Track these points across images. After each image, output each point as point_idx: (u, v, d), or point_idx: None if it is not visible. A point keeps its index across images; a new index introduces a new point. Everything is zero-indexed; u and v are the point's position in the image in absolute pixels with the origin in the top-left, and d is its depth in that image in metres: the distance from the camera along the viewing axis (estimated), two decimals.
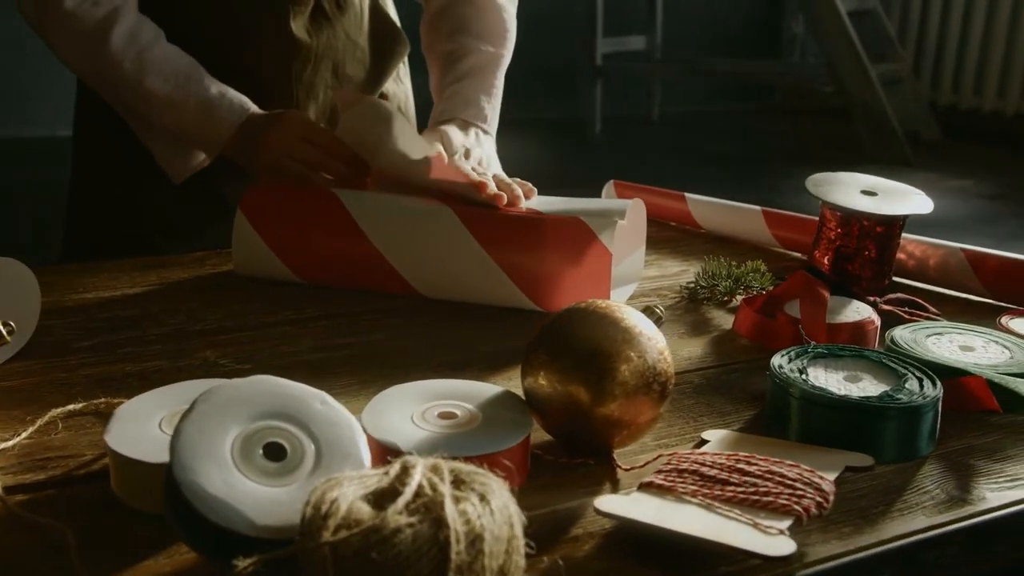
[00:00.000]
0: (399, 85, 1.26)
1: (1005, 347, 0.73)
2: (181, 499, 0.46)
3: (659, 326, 0.63)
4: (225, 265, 0.96)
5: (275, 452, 0.49)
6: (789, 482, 0.53)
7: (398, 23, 1.22)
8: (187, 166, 1.04)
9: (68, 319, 0.82)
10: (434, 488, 0.43)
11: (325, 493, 0.43)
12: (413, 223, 0.88)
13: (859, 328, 0.77)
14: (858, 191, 0.91)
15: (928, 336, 0.75)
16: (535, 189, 0.92)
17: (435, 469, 0.45)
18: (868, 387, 0.64)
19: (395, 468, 0.45)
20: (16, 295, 0.75)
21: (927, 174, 3.91)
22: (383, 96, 1.21)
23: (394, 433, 0.55)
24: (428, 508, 0.42)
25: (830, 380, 0.65)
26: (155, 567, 0.48)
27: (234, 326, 0.82)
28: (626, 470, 0.58)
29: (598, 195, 1.19)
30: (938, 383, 0.64)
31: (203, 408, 0.50)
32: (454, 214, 0.86)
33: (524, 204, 0.90)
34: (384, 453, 0.54)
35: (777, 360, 0.66)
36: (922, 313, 0.84)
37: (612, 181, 1.24)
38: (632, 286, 0.94)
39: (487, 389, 0.61)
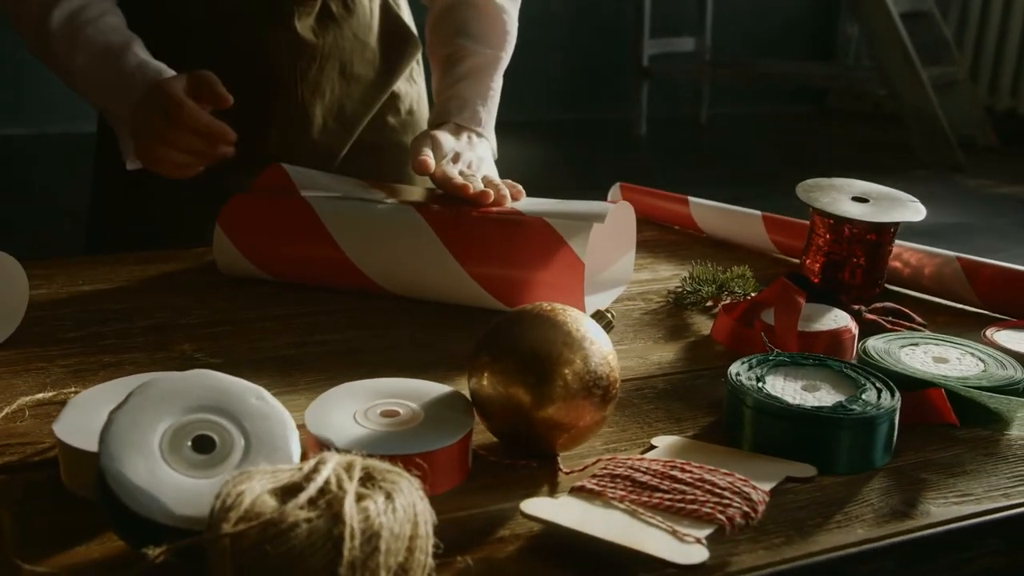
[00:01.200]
0: (412, 85, 1.27)
1: (980, 360, 0.71)
2: (106, 487, 0.48)
3: (608, 331, 0.63)
4: None
5: (204, 444, 0.51)
6: (718, 491, 0.52)
7: (412, 24, 1.24)
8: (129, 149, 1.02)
9: (60, 310, 0.85)
10: (339, 485, 0.44)
11: (234, 486, 0.44)
12: (382, 229, 0.88)
13: (835, 337, 0.76)
14: (849, 197, 0.90)
15: (903, 347, 0.73)
16: (523, 191, 0.92)
17: (347, 466, 0.46)
18: (824, 397, 0.63)
19: (309, 464, 0.46)
20: (5, 287, 0.77)
21: (980, 180, 3.82)
22: (394, 96, 1.22)
23: (331, 430, 0.56)
24: (329, 504, 0.43)
25: (787, 389, 0.64)
26: (86, 552, 0.50)
27: (217, 321, 0.83)
28: (566, 473, 0.58)
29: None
30: (897, 394, 0.63)
31: (137, 400, 0.51)
32: (423, 219, 0.87)
33: (510, 205, 0.90)
34: (321, 449, 0.55)
35: (735, 368, 0.66)
36: (905, 323, 0.82)
37: (619, 184, 1.24)
38: (619, 289, 0.93)
39: (436, 389, 0.62)
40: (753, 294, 0.87)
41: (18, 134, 4.21)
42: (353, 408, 0.59)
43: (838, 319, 0.78)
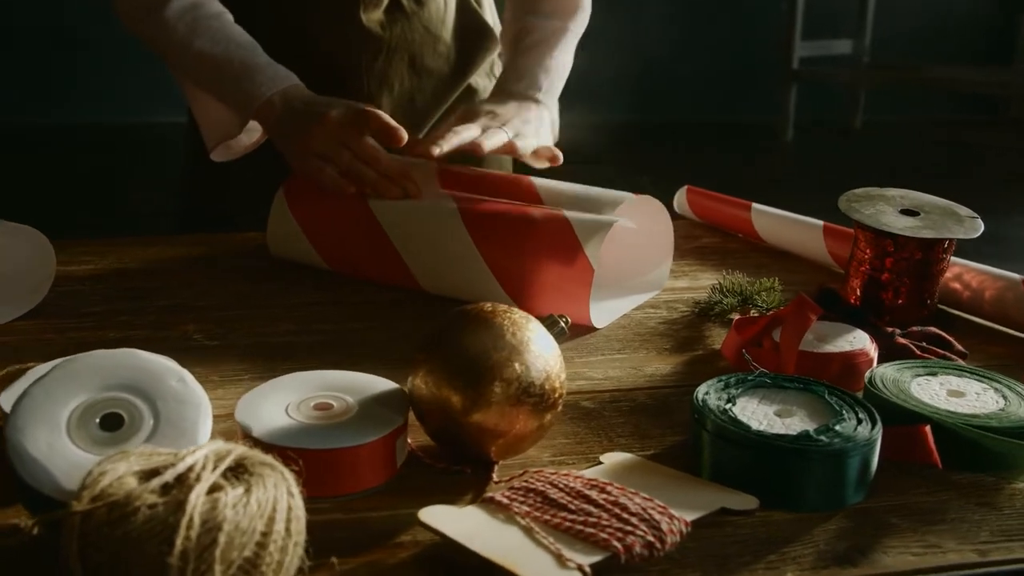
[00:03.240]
0: (491, 80, 1.26)
1: (1004, 396, 0.63)
2: (6, 457, 0.49)
3: (559, 338, 0.59)
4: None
5: (112, 422, 0.51)
6: (625, 516, 0.48)
7: (494, 21, 1.23)
8: (229, 141, 1.05)
9: (95, 286, 0.89)
10: (199, 473, 0.44)
11: (101, 465, 0.45)
12: (422, 217, 0.88)
13: (847, 360, 0.70)
14: (898, 210, 0.82)
15: (916, 376, 0.66)
16: (560, 157, 0.91)
17: (219, 456, 0.45)
18: (796, 424, 0.58)
19: (185, 450, 0.46)
20: (33, 260, 0.82)
21: None
22: (471, 90, 1.22)
23: (254, 418, 0.56)
24: (178, 492, 0.42)
25: (757, 413, 0.59)
26: None
27: (232, 304, 0.85)
28: (496, 483, 0.56)
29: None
30: (877, 427, 0.57)
31: (57, 374, 0.52)
32: (457, 211, 0.86)
33: (539, 184, 0.88)
34: (245, 437, 0.55)
35: (706, 387, 0.61)
36: (939, 351, 0.74)
37: (686, 187, 1.18)
38: (646, 295, 0.89)
39: (382, 385, 0.61)
40: (776, 309, 0.80)
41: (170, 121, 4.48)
42: (288, 399, 0.58)
43: (855, 341, 0.72)
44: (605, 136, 4.68)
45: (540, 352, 0.56)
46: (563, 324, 0.60)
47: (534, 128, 1.01)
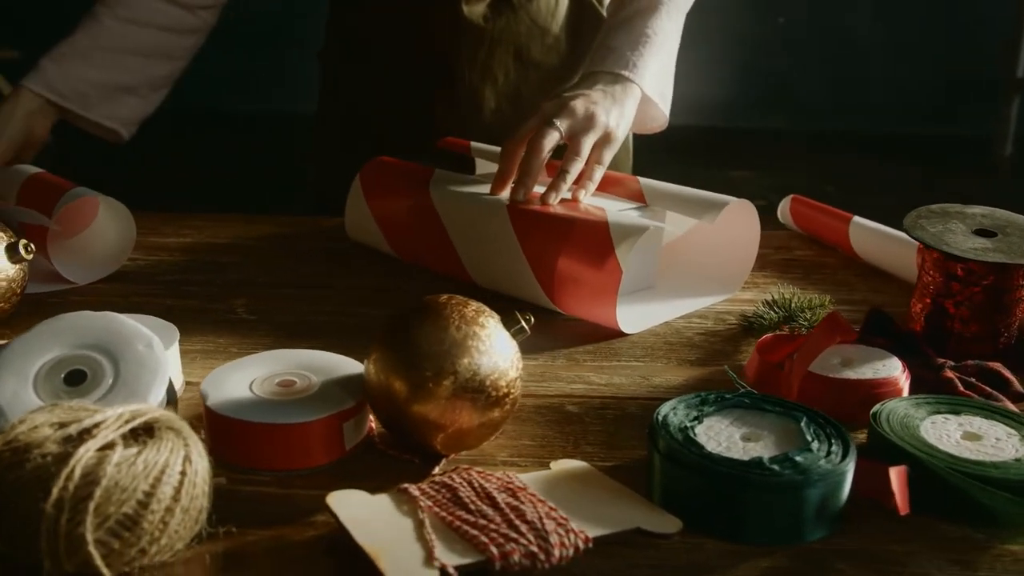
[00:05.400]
0: None
1: None
2: None
3: (519, 338, 0.58)
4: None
5: (77, 378, 0.55)
6: (517, 523, 0.47)
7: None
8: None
9: (180, 257, 0.96)
10: (101, 430, 0.46)
11: (31, 413, 0.48)
12: (475, 211, 0.88)
13: (868, 389, 0.64)
14: (972, 229, 0.74)
15: (935, 413, 0.59)
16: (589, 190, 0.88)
17: (130, 416, 0.48)
18: (756, 450, 0.53)
19: (108, 409, 0.49)
20: (118, 230, 0.90)
21: None
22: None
23: (214, 387, 0.58)
24: (74, 444, 0.45)
25: (722, 435, 0.55)
26: None
27: (287, 283, 0.89)
28: (433, 475, 0.55)
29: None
30: (848, 462, 0.51)
31: (41, 329, 0.57)
32: (505, 208, 0.85)
33: (645, 184, 0.89)
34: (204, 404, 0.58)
35: (672, 404, 0.57)
36: (985, 388, 0.66)
37: (791, 196, 1.12)
38: (709, 299, 0.85)
39: (353, 368, 0.62)
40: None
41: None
42: (257, 374, 0.60)
43: (883, 369, 0.65)
44: (801, 143, 4.47)
45: (488, 348, 0.55)
46: (524, 323, 0.58)
47: (615, 111, 0.95)
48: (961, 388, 0.66)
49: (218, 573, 0.47)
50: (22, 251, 0.74)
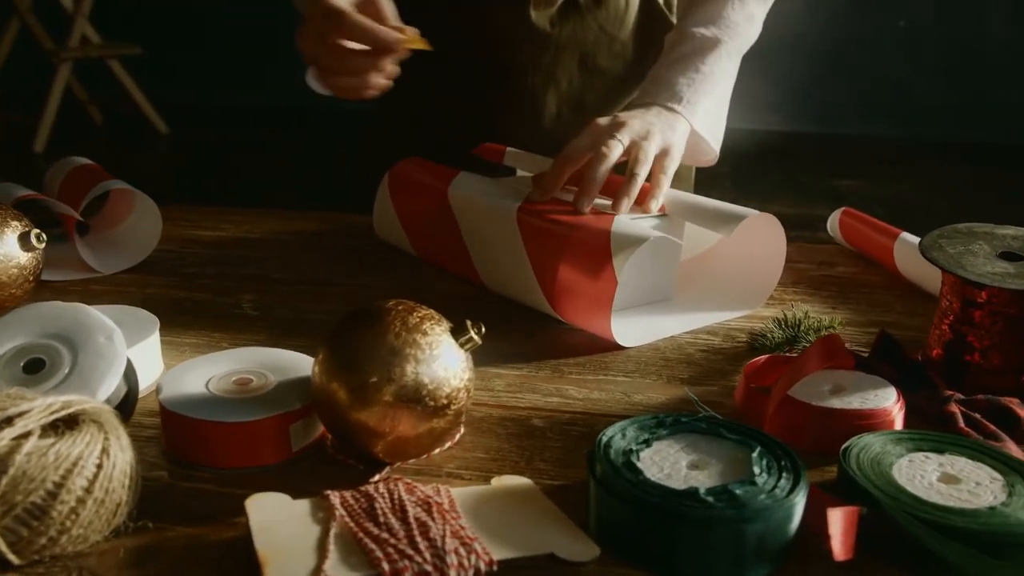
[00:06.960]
0: None
1: (1011, 494, 0.50)
2: None
3: (468, 347, 0.56)
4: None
5: (35, 367, 0.57)
6: (418, 540, 0.45)
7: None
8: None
9: (204, 250, 0.98)
10: (20, 419, 0.47)
11: None
12: (487, 215, 0.87)
13: (851, 420, 0.59)
14: (996, 252, 0.68)
15: (915, 451, 0.55)
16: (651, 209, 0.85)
17: (61, 407, 0.49)
18: (699, 479, 0.50)
19: (42, 398, 0.50)
20: (147, 224, 0.93)
21: None
22: None
23: (169, 383, 0.59)
24: None
25: (667, 461, 0.52)
26: None
27: (299, 280, 0.90)
28: (368, 483, 0.54)
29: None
30: (796, 498, 0.48)
31: (9, 317, 0.59)
32: (514, 214, 0.84)
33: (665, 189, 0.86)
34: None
35: (623, 425, 0.55)
36: (990, 426, 0.60)
37: (842, 209, 1.06)
38: (725, 314, 0.82)
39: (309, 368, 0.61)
40: None
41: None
42: (216, 371, 0.61)
43: (874, 400, 0.60)
44: (918, 153, 4.27)
45: (428, 357, 0.54)
46: (474, 333, 0.56)
47: (669, 133, 0.93)
48: (961, 424, 0.61)
49: (129, 566, 0.48)
50: (34, 240, 0.76)
